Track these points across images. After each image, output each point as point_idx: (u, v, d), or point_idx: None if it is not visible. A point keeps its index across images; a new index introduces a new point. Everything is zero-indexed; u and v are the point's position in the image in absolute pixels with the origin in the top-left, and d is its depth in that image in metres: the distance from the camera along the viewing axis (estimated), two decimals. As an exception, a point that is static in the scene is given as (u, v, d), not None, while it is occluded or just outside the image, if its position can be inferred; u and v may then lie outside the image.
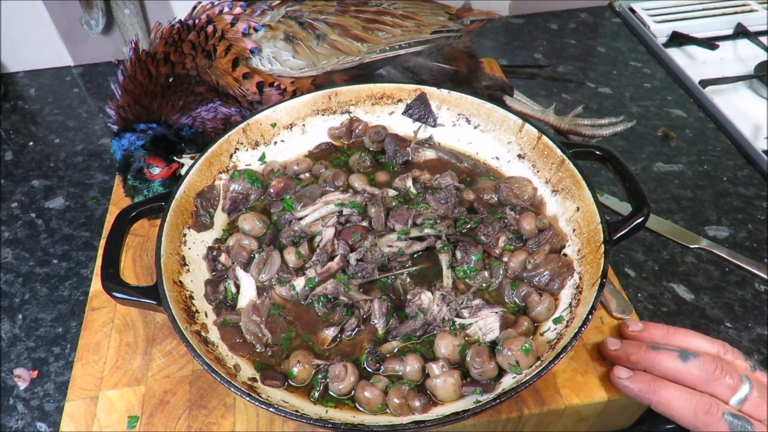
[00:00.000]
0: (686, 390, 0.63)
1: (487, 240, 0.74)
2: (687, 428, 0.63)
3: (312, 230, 0.76)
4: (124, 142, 0.85)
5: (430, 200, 0.78)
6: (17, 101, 1.36)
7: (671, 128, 1.20)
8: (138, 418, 0.68)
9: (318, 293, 0.69)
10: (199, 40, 0.85)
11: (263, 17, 0.88)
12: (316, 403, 0.62)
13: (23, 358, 0.87)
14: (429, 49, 0.93)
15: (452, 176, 0.81)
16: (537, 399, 0.68)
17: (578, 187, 0.73)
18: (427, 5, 0.98)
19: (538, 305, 0.67)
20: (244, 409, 0.68)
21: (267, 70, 0.87)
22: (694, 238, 0.98)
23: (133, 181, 0.87)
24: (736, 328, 0.86)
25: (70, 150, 1.23)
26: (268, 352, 0.67)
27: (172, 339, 0.75)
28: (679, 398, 0.62)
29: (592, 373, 0.70)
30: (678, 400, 0.62)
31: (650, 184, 1.09)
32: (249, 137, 0.84)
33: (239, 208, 0.81)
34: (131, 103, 0.85)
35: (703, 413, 0.61)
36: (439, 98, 0.87)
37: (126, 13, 1.30)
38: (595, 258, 0.66)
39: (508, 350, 0.61)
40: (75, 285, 0.97)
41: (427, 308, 0.67)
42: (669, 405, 0.63)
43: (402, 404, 0.60)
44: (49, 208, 1.11)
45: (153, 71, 0.84)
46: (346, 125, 0.89)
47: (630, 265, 0.95)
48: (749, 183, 1.08)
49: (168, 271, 0.68)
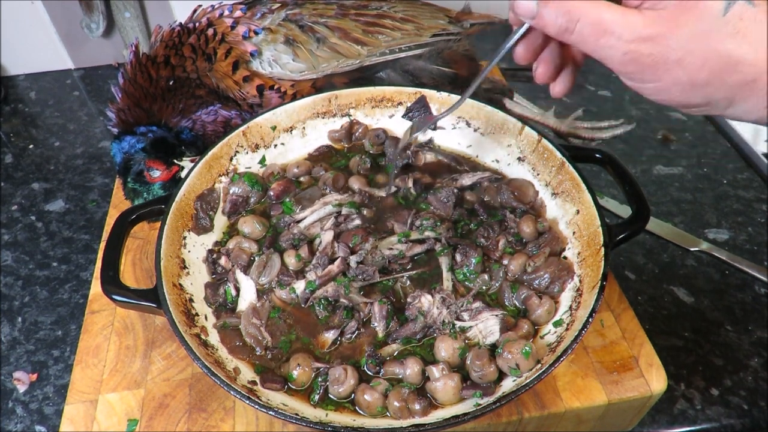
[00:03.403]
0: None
1: (487, 243, 0.74)
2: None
3: (311, 232, 0.76)
4: (125, 144, 0.85)
5: (431, 200, 0.78)
6: (17, 104, 1.36)
7: (671, 131, 1.20)
8: (137, 421, 0.68)
9: (318, 296, 0.69)
10: (200, 43, 0.85)
11: (263, 20, 0.88)
12: (316, 406, 0.62)
13: (23, 361, 0.87)
14: (429, 53, 0.93)
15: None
16: (537, 402, 0.67)
17: (578, 189, 0.73)
18: (427, 8, 0.98)
19: (539, 308, 0.67)
20: (243, 412, 0.68)
21: (267, 73, 0.87)
22: (694, 241, 0.98)
23: (133, 183, 0.87)
24: (736, 331, 0.86)
25: (70, 153, 1.23)
26: (268, 355, 0.67)
27: (171, 342, 0.75)
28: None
29: (592, 376, 0.70)
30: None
31: (650, 187, 1.09)
32: (249, 140, 0.85)
33: (239, 211, 0.81)
34: (131, 106, 0.85)
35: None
36: (439, 101, 0.87)
37: (126, 16, 1.30)
38: (595, 261, 0.66)
39: (509, 353, 0.61)
40: (75, 288, 0.97)
41: (427, 311, 0.67)
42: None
43: (402, 407, 0.60)
44: (49, 210, 1.11)
45: (153, 74, 0.84)
46: (346, 128, 0.89)
47: (630, 267, 0.95)
48: (749, 186, 1.08)
49: (168, 274, 0.68)
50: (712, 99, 0.49)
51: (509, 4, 0.54)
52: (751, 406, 0.78)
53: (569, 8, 0.49)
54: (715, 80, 0.48)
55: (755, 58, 0.47)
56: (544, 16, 0.51)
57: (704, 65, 0.47)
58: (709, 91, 0.49)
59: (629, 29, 0.48)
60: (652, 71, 0.49)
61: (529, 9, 0.52)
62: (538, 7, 0.51)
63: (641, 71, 0.49)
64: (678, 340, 0.85)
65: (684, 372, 0.81)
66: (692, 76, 0.48)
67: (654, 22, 0.47)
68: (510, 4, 0.53)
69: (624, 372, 0.70)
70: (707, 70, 0.48)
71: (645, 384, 0.69)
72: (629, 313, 0.76)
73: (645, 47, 0.48)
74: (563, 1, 0.50)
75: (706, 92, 0.49)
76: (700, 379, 0.81)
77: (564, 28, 0.50)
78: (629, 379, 0.69)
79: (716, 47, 0.47)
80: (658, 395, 0.69)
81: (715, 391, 0.79)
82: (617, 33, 0.48)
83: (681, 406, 0.78)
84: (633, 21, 0.48)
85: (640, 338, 0.73)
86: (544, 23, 0.51)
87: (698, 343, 0.84)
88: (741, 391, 0.79)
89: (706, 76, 0.48)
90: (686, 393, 0.79)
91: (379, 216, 0.79)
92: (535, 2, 0.51)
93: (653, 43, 0.48)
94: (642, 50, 0.48)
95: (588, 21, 0.49)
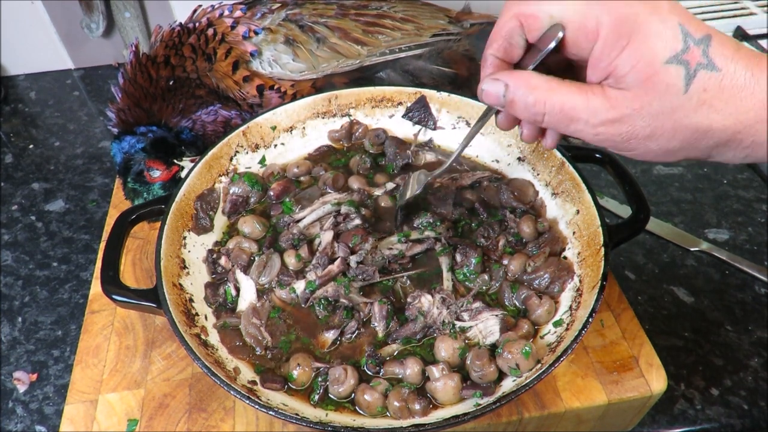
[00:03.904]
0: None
1: (487, 243, 0.74)
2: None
3: (311, 232, 0.76)
4: (125, 144, 0.85)
5: (430, 199, 0.78)
6: (17, 104, 1.36)
7: (671, 131, 1.20)
8: (137, 421, 0.68)
9: (318, 296, 0.69)
10: (200, 43, 0.85)
11: (263, 20, 0.88)
12: (316, 406, 0.62)
13: (23, 361, 0.87)
14: (429, 53, 0.93)
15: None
16: (537, 402, 0.67)
17: (578, 189, 0.73)
18: (427, 8, 0.98)
19: (539, 308, 0.67)
20: (243, 412, 0.68)
21: (267, 73, 0.87)
22: (694, 240, 0.98)
23: (133, 183, 0.87)
24: (736, 331, 0.86)
25: (70, 153, 1.23)
26: (268, 355, 0.67)
27: (171, 342, 0.75)
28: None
29: (592, 376, 0.70)
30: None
31: (650, 186, 1.08)
32: (249, 140, 0.85)
33: (239, 211, 0.81)
34: (131, 106, 0.85)
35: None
36: (439, 101, 0.87)
37: (126, 16, 1.30)
38: (595, 261, 0.66)
39: (509, 353, 0.61)
40: (75, 288, 0.97)
41: (427, 311, 0.67)
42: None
43: (402, 407, 0.60)
44: (49, 210, 1.10)
45: (153, 74, 0.84)
46: (346, 128, 0.89)
47: (630, 267, 0.95)
48: (749, 186, 1.08)
49: (168, 273, 0.68)
50: (692, 156, 0.51)
51: (478, 92, 0.55)
52: (751, 406, 0.78)
53: (533, 101, 0.50)
54: (689, 146, 0.49)
55: (724, 124, 0.47)
56: (512, 107, 0.52)
57: (674, 137, 0.49)
58: (686, 152, 0.50)
59: (594, 114, 0.49)
60: (625, 145, 0.50)
61: (497, 99, 0.53)
62: (505, 98, 0.52)
63: (615, 146, 0.51)
64: (678, 340, 0.85)
65: (684, 372, 0.81)
66: (665, 147, 0.49)
67: (618, 103, 0.48)
68: (478, 93, 0.54)
69: (624, 372, 0.70)
70: (678, 140, 0.49)
71: (645, 384, 0.69)
72: (629, 313, 0.76)
73: (613, 128, 0.49)
74: (528, 92, 0.50)
75: (684, 153, 0.51)
76: (700, 379, 0.81)
77: (533, 119, 0.52)
78: (629, 379, 0.69)
79: (683, 122, 0.48)
80: (658, 395, 0.69)
81: (715, 391, 0.79)
82: (583, 119, 0.49)
83: (681, 406, 0.78)
84: (596, 106, 0.49)
85: (640, 338, 0.73)
86: (514, 113, 0.53)
87: (698, 343, 0.84)
88: (741, 391, 0.79)
89: (678, 144, 0.49)
90: (686, 393, 0.79)
91: (378, 216, 0.79)
92: (501, 93, 0.52)
93: (620, 123, 0.49)
94: (610, 131, 0.49)
95: (554, 111, 0.50)
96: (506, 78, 0.52)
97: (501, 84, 0.52)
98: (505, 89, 0.51)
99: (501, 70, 0.53)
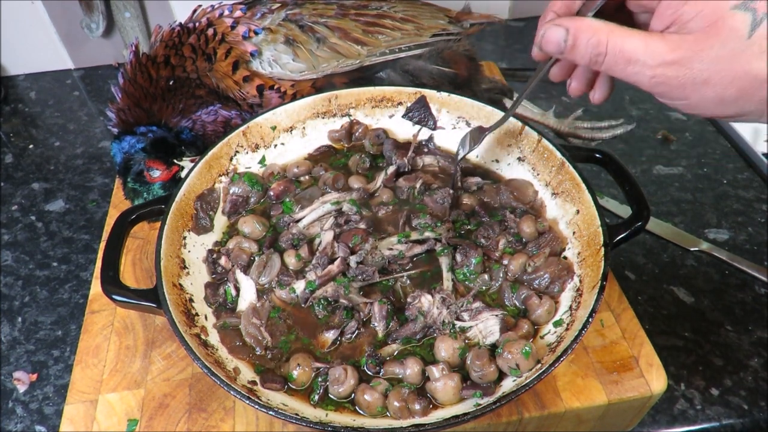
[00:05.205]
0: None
1: (487, 243, 0.74)
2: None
3: (311, 232, 0.76)
4: (125, 144, 0.85)
5: (427, 201, 0.78)
6: (17, 104, 1.36)
7: (671, 131, 1.20)
8: (137, 421, 0.68)
9: (318, 296, 0.69)
10: (200, 43, 0.85)
11: (263, 20, 0.88)
12: (316, 406, 0.62)
13: (23, 361, 0.87)
14: (429, 53, 0.93)
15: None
16: (537, 402, 0.67)
17: (578, 189, 0.73)
18: (427, 8, 0.98)
19: (539, 308, 0.67)
20: (243, 412, 0.68)
21: (267, 73, 0.87)
22: (694, 240, 0.98)
23: (133, 183, 0.87)
24: (736, 331, 0.86)
25: (70, 153, 1.23)
26: (268, 355, 0.67)
27: (171, 342, 0.75)
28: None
29: (592, 376, 0.70)
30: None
31: (650, 186, 1.08)
32: (249, 140, 0.85)
33: (239, 211, 0.81)
34: (131, 106, 0.85)
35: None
36: (439, 101, 0.87)
37: (126, 16, 1.30)
38: (595, 261, 0.66)
39: (509, 353, 0.61)
40: (75, 288, 0.97)
41: (427, 311, 0.67)
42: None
43: (402, 407, 0.60)
44: (49, 210, 1.11)
45: (153, 74, 0.84)
46: (346, 128, 0.89)
47: (630, 267, 0.95)
48: (749, 186, 1.08)
49: (168, 274, 0.68)
50: (745, 111, 0.51)
51: (536, 41, 0.56)
52: (751, 406, 0.78)
53: (595, 42, 0.51)
54: (744, 96, 0.49)
55: None
56: (573, 51, 0.53)
57: (732, 84, 0.48)
58: (740, 105, 0.50)
59: (653, 56, 0.49)
60: (680, 91, 0.51)
61: (557, 46, 0.54)
62: (566, 43, 0.53)
63: (670, 92, 0.51)
64: (678, 340, 0.85)
65: (684, 372, 0.81)
66: (720, 94, 0.49)
67: (678, 46, 0.49)
68: (537, 41, 0.55)
69: (624, 372, 0.70)
70: (735, 88, 0.49)
71: (645, 384, 0.69)
72: (629, 313, 0.76)
73: (671, 71, 0.49)
74: (589, 35, 0.52)
75: (738, 106, 0.50)
76: (700, 379, 0.81)
77: (593, 61, 0.53)
78: (629, 379, 0.69)
79: (743, 68, 0.48)
80: (658, 395, 0.69)
81: (715, 391, 0.79)
82: (641, 60, 0.50)
83: (681, 406, 0.78)
84: (656, 47, 0.49)
85: (640, 338, 0.73)
86: (573, 58, 0.54)
87: (698, 343, 0.84)
88: (741, 391, 0.79)
89: (734, 93, 0.49)
90: (686, 393, 0.79)
91: (377, 216, 0.79)
92: (563, 38, 0.53)
93: (678, 66, 0.49)
94: (668, 73, 0.50)
95: (614, 51, 0.51)
96: (567, 23, 0.53)
97: (562, 29, 0.53)
98: (566, 33, 0.52)
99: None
